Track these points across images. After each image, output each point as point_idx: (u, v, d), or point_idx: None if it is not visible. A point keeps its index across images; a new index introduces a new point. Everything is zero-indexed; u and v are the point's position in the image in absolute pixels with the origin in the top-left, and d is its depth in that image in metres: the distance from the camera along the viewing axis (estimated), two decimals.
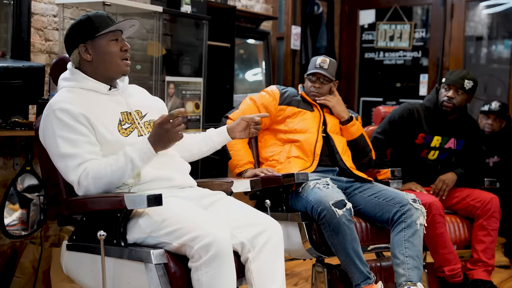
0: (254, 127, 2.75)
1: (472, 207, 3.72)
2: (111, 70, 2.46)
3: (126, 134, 2.43)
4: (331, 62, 3.42)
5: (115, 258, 2.30)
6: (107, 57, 2.44)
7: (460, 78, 3.77)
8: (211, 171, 4.39)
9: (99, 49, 2.43)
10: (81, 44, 2.44)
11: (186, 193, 2.49)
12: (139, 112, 2.54)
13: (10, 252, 3.53)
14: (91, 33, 2.42)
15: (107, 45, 2.43)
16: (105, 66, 2.45)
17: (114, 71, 2.46)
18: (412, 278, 2.90)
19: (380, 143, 3.79)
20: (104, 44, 2.43)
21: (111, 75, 2.47)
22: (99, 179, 2.30)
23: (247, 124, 2.76)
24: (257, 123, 2.76)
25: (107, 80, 2.48)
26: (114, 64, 2.45)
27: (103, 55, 2.43)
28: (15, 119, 3.23)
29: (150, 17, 4.08)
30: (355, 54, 6.50)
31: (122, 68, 2.47)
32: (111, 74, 2.47)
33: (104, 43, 2.43)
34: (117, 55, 2.44)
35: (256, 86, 5.73)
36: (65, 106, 2.34)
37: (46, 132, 2.37)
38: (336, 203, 2.87)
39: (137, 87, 2.70)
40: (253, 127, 2.75)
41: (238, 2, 5.45)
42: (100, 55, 2.44)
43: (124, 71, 2.48)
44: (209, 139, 2.79)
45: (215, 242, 2.17)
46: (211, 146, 2.80)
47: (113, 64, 2.45)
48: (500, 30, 6.29)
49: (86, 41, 2.43)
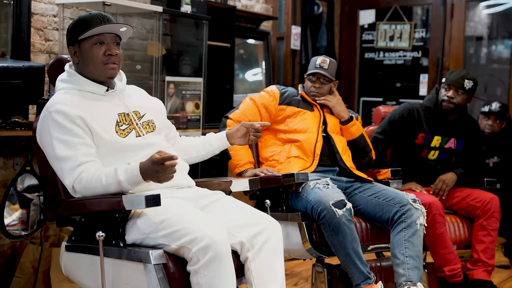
0: (253, 134, 2.73)
1: (472, 207, 3.72)
2: (95, 73, 2.43)
3: (124, 135, 2.43)
4: (331, 62, 3.42)
5: (114, 258, 2.30)
6: (89, 61, 2.41)
7: (460, 78, 3.77)
8: (211, 171, 4.38)
9: (84, 53, 2.42)
10: (70, 46, 2.45)
11: (184, 193, 2.49)
12: (137, 113, 2.53)
13: (10, 252, 3.53)
14: (77, 36, 2.41)
15: (90, 49, 2.40)
16: (89, 69, 2.43)
17: (98, 75, 2.44)
18: (412, 278, 2.90)
19: (380, 143, 3.79)
20: (87, 48, 2.41)
21: (97, 78, 2.45)
22: (88, 189, 2.30)
23: (247, 131, 2.74)
24: (257, 130, 2.73)
25: (98, 82, 2.46)
26: (97, 68, 2.42)
27: (87, 59, 2.41)
28: (15, 119, 3.23)
29: (150, 17, 4.08)
30: (355, 54, 6.50)
31: (105, 72, 2.43)
32: (96, 77, 2.45)
33: (88, 47, 2.40)
34: (98, 59, 2.40)
35: (256, 86, 5.73)
36: (61, 108, 2.33)
37: (42, 134, 2.38)
38: (336, 203, 2.86)
39: (136, 88, 2.69)
40: (252, 134, 2.73)
41: (238, 2, 5.45)
42: (84, 59, 2.42)
43: (108, 74, 2.44)
44: (208, 143, 2.79)
45: (213, 244, 2.16)
46: (209, 150, 2.79)
47: (95, 68, 2.42)
48: (500, 30, 6.29)
49: (74, 44, 2.43)
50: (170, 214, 2.27)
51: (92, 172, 2.30)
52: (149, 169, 2.21)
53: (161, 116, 2.68)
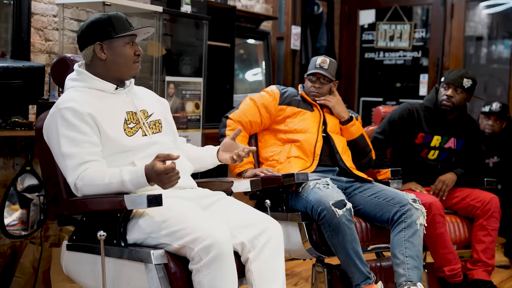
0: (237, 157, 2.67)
1: (472, 207, 3.72)
2: (123, 71, 2.50)
3: (131, 133, 2.46)
4: (331, 62, 3.42)
5: (115, 258, 2.30)
6: (121, 59, 2.48)
7: (459, 77, 3.78)
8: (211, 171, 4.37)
9: (115, 50, 2.47)
10: (97, 42, 2.46)
11: (186, 194, 2.49)
12: (145, 112, 2.56)
13: (10, 252, 3.53)
14: (110, 33, 2.45)
15: (123, 48, 2.48)
16: (118, 67, 2.49)
17: (126, 72, 2.51)
18: (412, 278, 2.90)
19: (380, 143, 3.79)
20: (120, 46, 2.47)
21: (122, 76, 2.52)
22: (90, 187, 2.30)
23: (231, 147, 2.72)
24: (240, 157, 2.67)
25: (116, 80, 2.51)
26: (127, 66, 2.50)
27: (118, 57, 2.48)
28: (15, 119, 3.23)
29: (150, 17, 4.08)
30: (355, 54, 6.50)
31: (133, 70, 2.52)
32: (122, 74, 2.51)
33: (121, 45, 2.48)
34: (130, 58, 2.49)
35: (256, 86, 5.73)
36: (71, 105, 2.36)
37: (50, 130, 2.39)
38: (336, 203, 2.87)
39: (144, 89, 2.74)
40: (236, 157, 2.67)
41: (238, 2, 5.45)
42: (114, 56, 2.47)
43: (134, 73, 2.54)
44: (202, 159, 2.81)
45: (216, 244, 2.17)
46: (203, 166, 2.83)
47: (126, 66, 2.49)
48: (500, 30, 6.29)
49: (103, 40, 2.46)
50: (172, 214, 2.27)
51: (96, 171, 2.31)
52: (153, 175, 2.24)
53: (168, 117, 2.72)
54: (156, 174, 2.22)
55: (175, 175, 2.24)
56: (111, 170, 2.31)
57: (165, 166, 2.21)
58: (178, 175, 2.25)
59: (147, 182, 2.26)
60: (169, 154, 2.24)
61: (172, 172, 2.22)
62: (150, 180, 2.25)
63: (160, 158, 2.23)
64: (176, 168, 2.23)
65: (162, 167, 2.21)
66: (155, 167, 2.22)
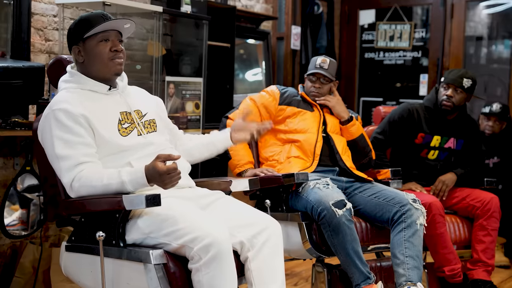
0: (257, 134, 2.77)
1: (472, 207, 3.72)
2: (102, 71, 2.45)
3: (126, 133, 2.44)
4: (331, 62, 3.42)
5: (114, 258, 2.30)
6: (96, 58, 2.43)
7: (458, 76, 3.77)
8: (211, 171, 4.38)
9: (89, 51, 2.43)
10: (74, 46, 2.45)
11: (185, 193, 2.49)
12: (139, 112, 2.54)
13: (10, 252, 3.53)
14: (81, 35, 2.42)
15: (96, 47, 2.42)
16: (96, 67, 2.44)
17: (105, 71, 2.45)
18: (412, 278, 2.90)
19: (380, 143, 3.79)
20: (93, 45, 2.42)
21: (104, 76, 2.46)
22: (88, 187, 2.29)
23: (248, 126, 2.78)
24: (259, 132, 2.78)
25: (102, 80, 2.47)
26: (103, 65, 2.43)
27: (93, 57, 2.43)
28: (15, 119, 3.23)
29: (150, 17, 4.08)
30: (355, 54, 6.50)
31: (112, 68, 2.45)
32: (103, 75, 2.46)
33: (93, 44, 2.42)
34: (105, 56, 2.42)
35: (256, 86, 5.73)
36: (64, 106, 2.34)
37: (44, 132, 2.39)
38: (336, 203, 2.86)
39: (137, 88, 2.71)
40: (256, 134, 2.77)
41: (238, 2, 5.45)
42: (90, 57, 2.43)
43: (115, 70, 2.46)
44: (212, 145, 2.82)
45: (215, 243, 2.17)
46: (213, 152, 2.83)
47: (102, 64, 2.43)
48: (500, 30, 6.29)
49: (78, 43, 2.44)
50: (171, 213, 2.27)
51: (92, 172, 2.30)
52: (154, 176, 2.23)
53: (162, 115, 2.69)
54: (158, 175, 2.22)
55: (176, 175, 2.24)
56: (109, 171, 2.30)
57: (167, 167, 2.21)
58: (179, 175, 2.25)
59: (147, 182, 2.25)
60: (170, 155, 2.24)
61: (174, 172, 2.22)
62: (151, 181, 2.25)
63: (161, 159, 2.23)
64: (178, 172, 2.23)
65: (165, 168, 2.21)
66: (157, 168, 2.21)
